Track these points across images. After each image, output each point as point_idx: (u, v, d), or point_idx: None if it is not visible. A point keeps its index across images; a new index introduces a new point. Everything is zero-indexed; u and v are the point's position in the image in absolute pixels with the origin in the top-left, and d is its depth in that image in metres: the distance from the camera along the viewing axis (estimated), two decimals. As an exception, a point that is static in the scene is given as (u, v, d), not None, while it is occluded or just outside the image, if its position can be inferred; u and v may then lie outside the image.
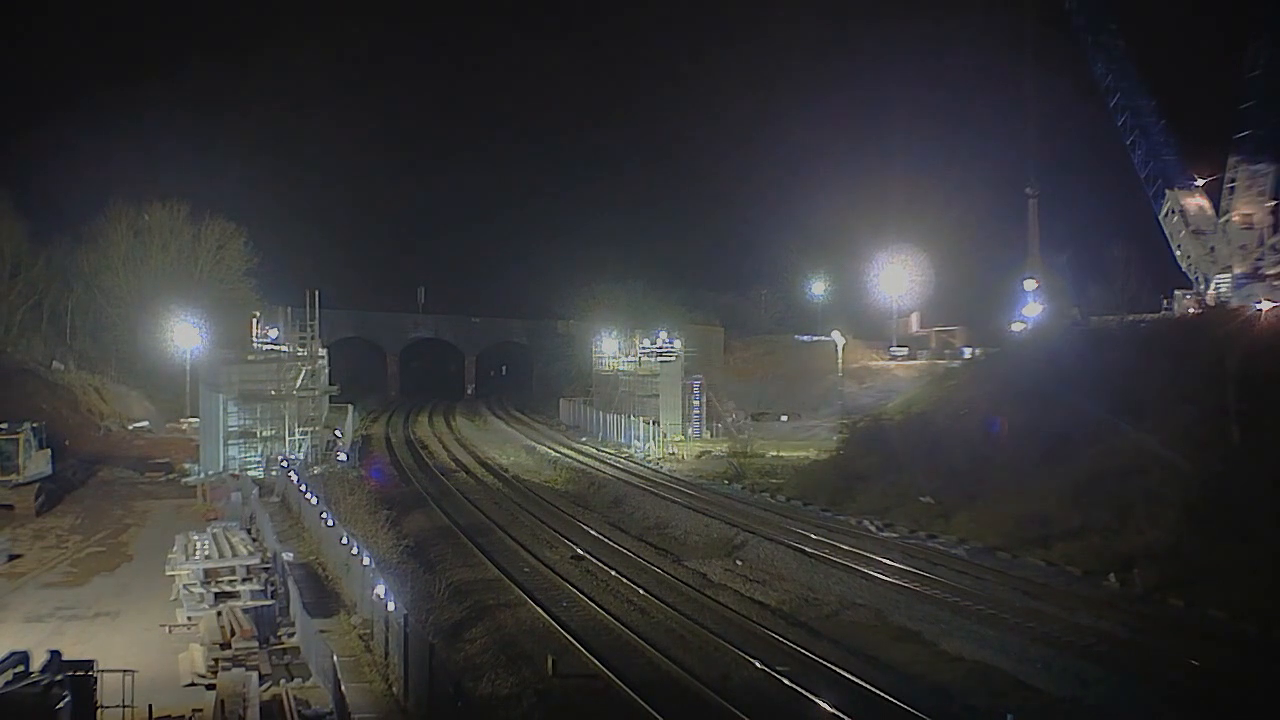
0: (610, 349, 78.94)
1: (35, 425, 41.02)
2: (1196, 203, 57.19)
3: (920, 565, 30.56)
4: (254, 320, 56.64)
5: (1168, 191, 57.60)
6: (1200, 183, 57.45)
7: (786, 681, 21.51)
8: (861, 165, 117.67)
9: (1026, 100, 68.99)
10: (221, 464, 48.83)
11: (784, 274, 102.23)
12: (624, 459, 58.22)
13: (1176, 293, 57.72)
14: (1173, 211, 57.43)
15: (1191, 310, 53.12)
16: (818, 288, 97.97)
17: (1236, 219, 54.03)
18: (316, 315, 54.49)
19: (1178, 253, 58.36)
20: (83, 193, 73.91)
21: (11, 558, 30.70)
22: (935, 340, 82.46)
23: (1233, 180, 53.77)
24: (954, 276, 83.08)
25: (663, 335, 72.74)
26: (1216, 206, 55.86)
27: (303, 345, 54.06)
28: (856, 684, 21.29)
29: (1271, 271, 52.42)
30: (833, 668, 22.40)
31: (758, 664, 22.67)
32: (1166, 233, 58.67)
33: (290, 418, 51.49)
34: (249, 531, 31.03)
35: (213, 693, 18.32)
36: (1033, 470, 35.03)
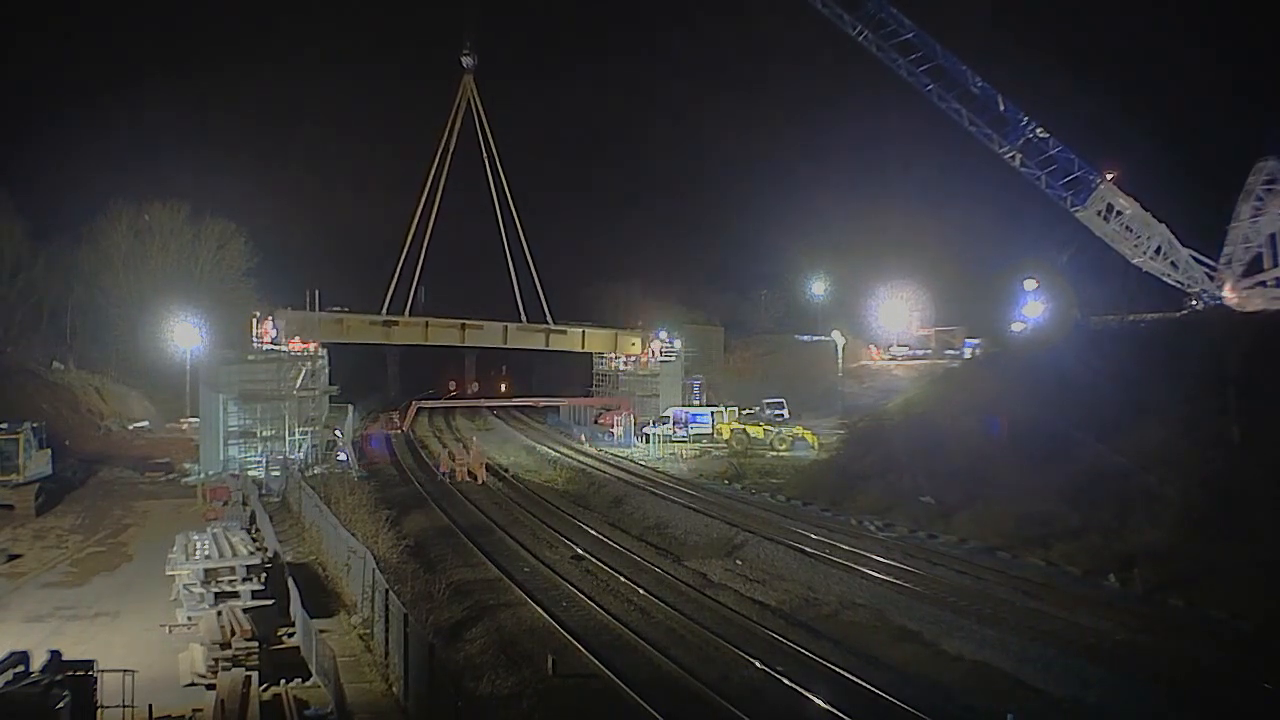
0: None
1: (35, 425, 41.05)
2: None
3: (920, 565, 30.54)
4: (254, 320, 56.65)
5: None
6: None
7: (786, 681, 21.51)
8: (862, 165, 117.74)
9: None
10: (221, 464, 48.89)
11: (784, 274, 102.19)
12: (624, 459, 58.21)
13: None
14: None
15: (1191, 310, 52.97)
16: (818, 288, 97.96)
17: (1241, 220, 53.88)
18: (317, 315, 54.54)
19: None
20: (83, 193, 73.96)
21: (11, 558, 30.75)
22: (935, 340, 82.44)
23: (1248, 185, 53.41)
24: (954, 276, 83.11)
25: (663, 335, 72.74)
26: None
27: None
28: (857, 684, 21.28)
29: (1272, 272, 52.35)
30: (833, 667, 22.40)
31: (758, 664, 22.67)
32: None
33: (290, 418, 51.58)
34: (249, 531, 31.03)
35: (213, 693, 18.35)
36: (1033, 470, 34.94)
